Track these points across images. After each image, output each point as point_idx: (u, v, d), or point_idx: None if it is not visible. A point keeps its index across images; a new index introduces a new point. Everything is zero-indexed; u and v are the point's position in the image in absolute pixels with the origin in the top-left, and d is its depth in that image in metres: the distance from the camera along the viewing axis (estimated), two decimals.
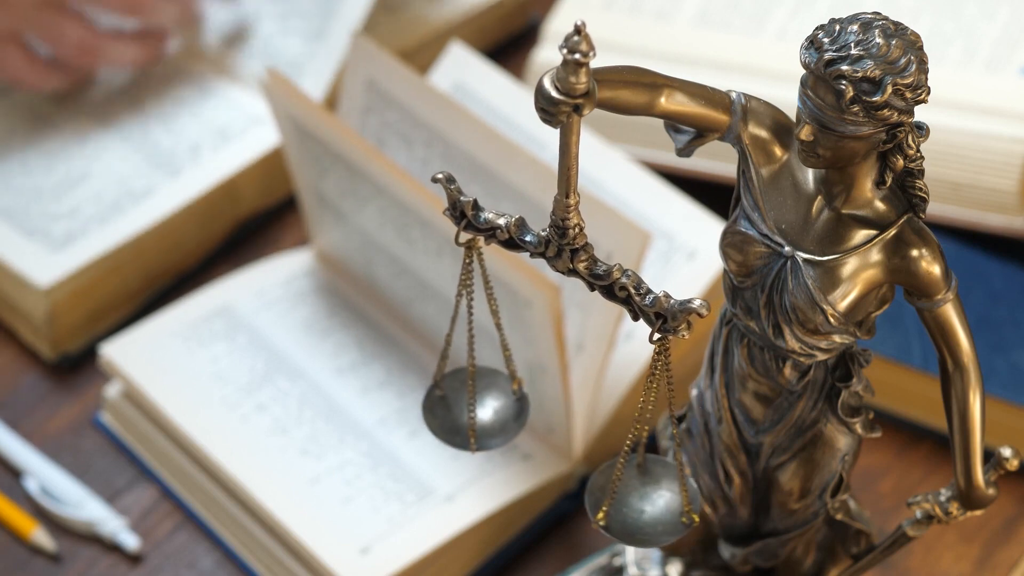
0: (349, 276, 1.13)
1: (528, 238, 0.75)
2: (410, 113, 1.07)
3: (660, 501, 0.79)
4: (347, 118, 1.10)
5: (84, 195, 1.16)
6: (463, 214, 0.76)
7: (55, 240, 1.13)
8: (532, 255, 0.75)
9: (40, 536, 1.05)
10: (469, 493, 1.02)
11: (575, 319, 1.01)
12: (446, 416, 0.84)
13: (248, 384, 1.08)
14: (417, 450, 1.04)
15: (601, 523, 0.78)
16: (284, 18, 1.25)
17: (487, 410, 0.84)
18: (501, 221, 0.75)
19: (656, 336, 0.74)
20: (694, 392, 0.86)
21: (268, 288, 1.13)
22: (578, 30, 0.66)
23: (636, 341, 1.05)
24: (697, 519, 0.78)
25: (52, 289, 1.11)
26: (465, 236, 0.77)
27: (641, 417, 0.77)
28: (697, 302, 0.72)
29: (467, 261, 0.79)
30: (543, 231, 0.75)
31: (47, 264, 1.12)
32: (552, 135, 0.80)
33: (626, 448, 0.78)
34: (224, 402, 1.07)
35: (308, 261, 1.15)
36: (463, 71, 1.15)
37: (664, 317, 0.73)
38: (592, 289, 0.75)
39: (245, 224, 1.20)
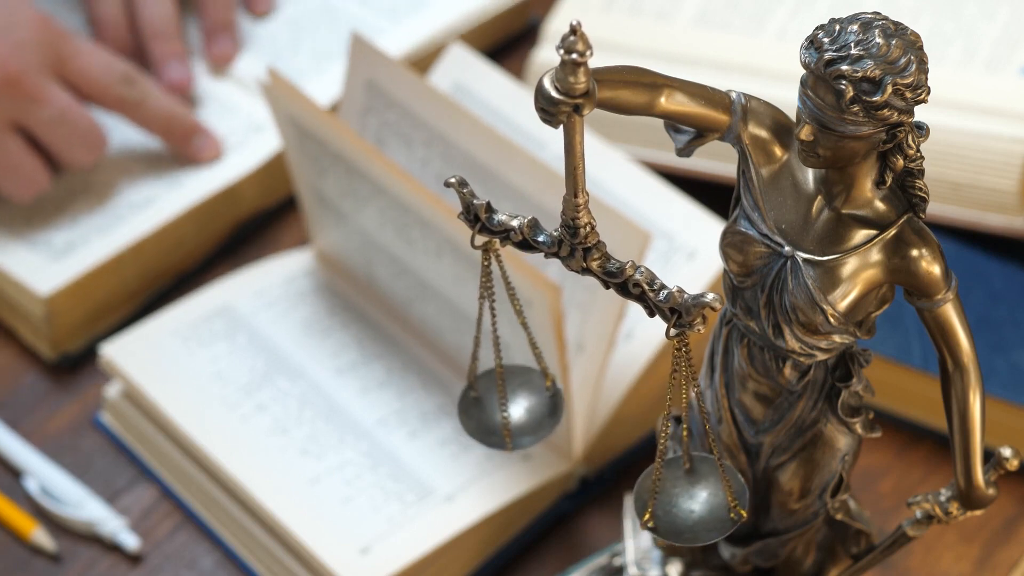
0: (349, 276, 1.13)
1: (541, 239, 0.75)
2: (410, 113, 1.07)
3: (706, 498, 0.79)
4: (347, 118, 1.10)
5: (85, 205, 1.16)
6: (477, 217, 0.76)
7: (56, 249, 1.14)
8: (546, 255, 0.76)
9: (40, 536, 1.05)
10: (469, 493, 1.02)
11: (575, 319, 1.01)
12: (481, 417, 0.84)
13: (248, 384, 1.08)
14: (417, 450, 1.04)
15: (649, 524, 0.78)
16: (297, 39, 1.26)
17: (520, 408, 0.84)
18: (515, 223, 0.75)
19: (673, 332, 0.74)
20: (694, 392, 0.86)
21: (268, 288, 1.13)
22: (573, 30, 0.66)
23: (636, 341, 1.05)
24: (745, 514, 0.78)
25: (52, 298, 1.11)
26: (480, 239, 0.77)
27: (668, 413, 0.77)
28: (710, 296, 0.72)
29: (485, 264, 0.79)
30: (555, 231, 0.75)
31: (48, 273, 1.12)
32: (552, 135, 0.80)
33: (661, 447, 0.78)
34: (224, 402, 1.07)
35: (308, 261, 1.15)
36: (463, 71, 1.15)
37: (679, 312, 0.73)
38: (607, 287, 0.75)
39: (245, 224, 1.20)
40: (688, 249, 1.06)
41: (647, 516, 0.78)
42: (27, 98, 1.11)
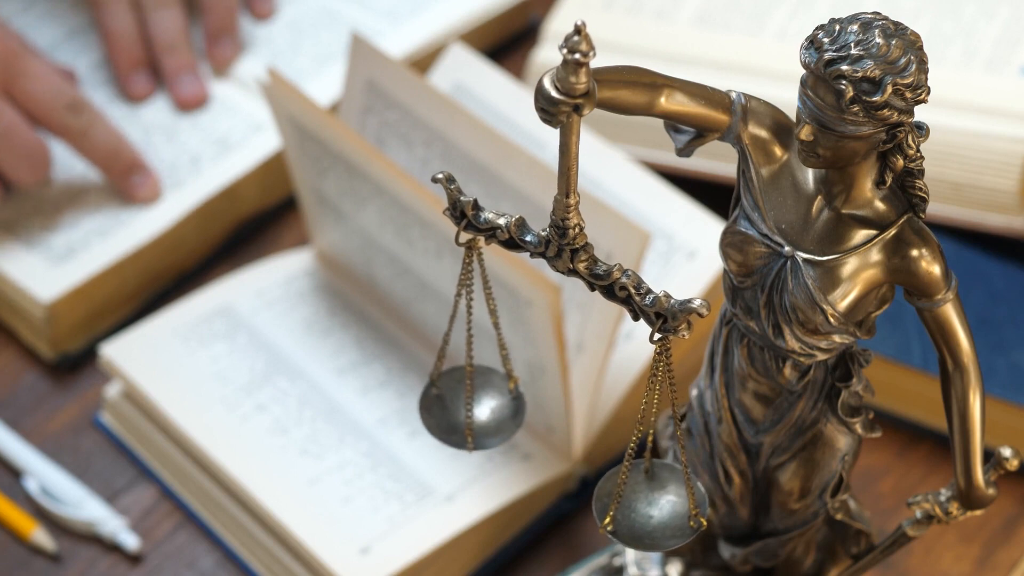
0: (349, 276, 1.13)
1: (528, 238, 0.75)
2: (410, 113, 1.07)
3: (668, 505, 0.79)
4: (347, 118, 1.10)
5: (85, 207, 1.16)
6: (463, 214, 0.76)
7: (56, 253, 1.14)
8: (532, 255, 0.75)
9: (40, 536, 1.05)
10: (469, 493, 1.02)
11: (575, 319, 1.01)
12: (442, 415, 0.84)
13: (248, 384, 1.08)
14: (417, 450, 1.04)
15: (609, 528, 0.78)
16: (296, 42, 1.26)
17: (484, 409, 0.84)
18: (501, 221, 0.75)
19: (657, 336, 0.74)
20: (694, 392, 0.86)
21: (268, 288, 1.13)
22: (578, 30, 0.66)
23: (636, 341, 1.05)
24: (705, 523, 0.78)
25: (54, 304, 1.11)
26: (465, 236, 0.77)
27: (644, 419, 0.77)
28: (697, 302, 0.72)
29: (467, 261, 0.79)
30: (543, 231, 0.75)
31: (49, 278, 1.12)
32: (552, 135, 0.80)
33: (630, 451, 0.78)
34: (224, 402, 1.07)
35: (308, 261, 1.15)
36: (463, 71, 1.15)
37: (664, 317, 0.73)
38: (592, 289, 0.75)
39: (245, 224, 1.20)
40: (688, 249, 1.06)
41: (608, 519, 0.78)
42: None
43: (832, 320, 0.76)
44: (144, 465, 1.09)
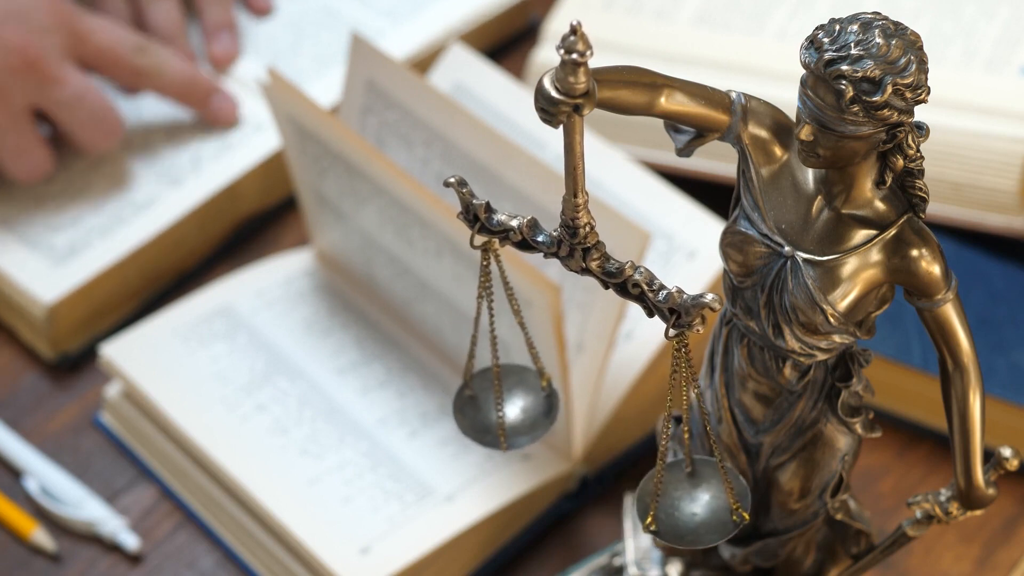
0: (349, 276, 1.13)
1: (541, 239, 0.75)
2: (410, 113, 1.07)
3: (709, 501, 0.79)
4: (347, 118, 1.10)
5: (86, 206, 1.16)
6: (476, 217, 0.76)
7: (58, 253, 1.14)
8: (545, 255, 0.76)
9: (40, 536, 1.05)
10: (469, 493, 1.02)
11: (575, 319, 1.01)
12: (476, 415, 0.84)
13: (248, 384, 1.08)
14: (417, 450, 1.04)
15: (652, 528, 0.78)
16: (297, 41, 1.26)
17: (516, 408, 0.84)
18: (514, 223, 0.75)
19: (672, 332, 0.74)
20: (694, 392, 0.86)
21: (268, 288, 1.13)
22: (574, 30, 0.66)
23: (636, 341, 1.05)
24: (748, 517, 0.78)
25: (56, 306, 1.11)
26: (480, 239, 0.77)
27: (670, 414, 0.77)
28: (709, 296, 0.72)
29: (484, 264, 0.79)
30: (555, 231, 0.75)
31: (50, 279, 1.12)
32: (552, 135, 0.80)
33: (661, 449, 0.78)
34: (224, 402, 1.07)
35: (308, 261, 1.15)
36: (463, 71, 1.15)
37: (678, 312, 0.73)
38: (606, 287, 0.75)
39: (245, 224, 1.20)
40: (688, 249, 1.06)
41: (649, 519, 0.78)
42: (47, 81, 1.12)
43: (832, 320, 0.76)
44: (144, 465, 1.09)
